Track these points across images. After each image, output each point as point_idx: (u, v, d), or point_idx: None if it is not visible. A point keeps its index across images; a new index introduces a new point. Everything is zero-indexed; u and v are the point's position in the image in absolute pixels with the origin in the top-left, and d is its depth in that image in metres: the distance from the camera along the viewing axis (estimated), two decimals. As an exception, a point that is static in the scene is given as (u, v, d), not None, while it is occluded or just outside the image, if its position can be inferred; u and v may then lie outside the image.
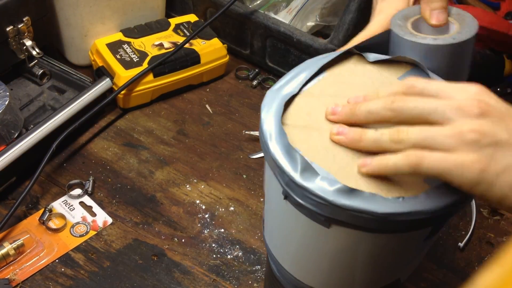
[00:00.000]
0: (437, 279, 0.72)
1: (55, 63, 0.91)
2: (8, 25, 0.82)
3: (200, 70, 0.93)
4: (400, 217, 0.42)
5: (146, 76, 0.89)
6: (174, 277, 0.70)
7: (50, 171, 0.81)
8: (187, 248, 0.73)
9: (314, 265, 0.50)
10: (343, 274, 0.50)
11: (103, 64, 0.90)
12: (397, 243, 0.47)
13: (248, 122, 0.90)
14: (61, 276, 0.70)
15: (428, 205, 0.42)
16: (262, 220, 0.60)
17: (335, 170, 0.44)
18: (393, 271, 0.52)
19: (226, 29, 0.99)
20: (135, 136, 0.87)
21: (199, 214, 0.77)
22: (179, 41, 0.93)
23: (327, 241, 0.47)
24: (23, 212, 0.76)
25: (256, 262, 0.72)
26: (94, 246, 0.73)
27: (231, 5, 0.92)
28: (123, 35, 0.93)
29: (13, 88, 0.88)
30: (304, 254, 0.50)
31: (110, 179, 0.81)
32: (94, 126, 0.88)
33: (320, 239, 0.47)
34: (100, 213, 0.76)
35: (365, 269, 0.49)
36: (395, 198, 0.42)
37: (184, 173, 0.82)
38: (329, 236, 0.46)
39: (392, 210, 0.42)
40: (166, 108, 0.92)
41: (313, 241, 0.48)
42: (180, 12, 1.02)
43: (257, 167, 0.83)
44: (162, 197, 0.79)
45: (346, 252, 0.47)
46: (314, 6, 0.96)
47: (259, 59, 0.98)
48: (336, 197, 0.42)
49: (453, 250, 0.75)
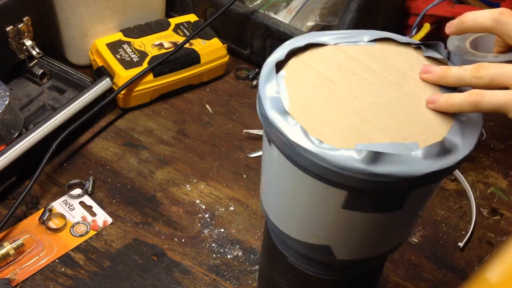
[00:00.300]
0: (437, 279, 0.72)
1: (55, 63, 0.91)
2: (8, 25, 0.82)
3: (200, 70, 0.93)
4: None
5: (146, 76, 0.89)
6: (174, 277, 0.70)
7: (50, 171, 0.81)
8: (187, 248, 0.73)
9: (291, 214, 0.50)
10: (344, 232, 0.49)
11: (103, 64, 0.90)
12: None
13: (248, 122, 0.90)
14: (61, 276, 0.70)
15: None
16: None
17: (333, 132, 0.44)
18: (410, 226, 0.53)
19: (226, 29, 0.99)
20: (135, 136, 0.87)
21: (199, 214, 0.77)
22: (179, 41, 0.93)
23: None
24: (23, 212, 0.76)
25: (256, 262, 0.72)
26: (94, 246, 0.73)
27: (231, 5, 0.92)
28: (123, 35, 0.93)
29: (13, 88, 0.88)
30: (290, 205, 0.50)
31: (110, 179, 0.81)
32: (94, 126, 0.88)
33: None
34: (100, 213, 0.76)
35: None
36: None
37: (184, 173, 0.82)
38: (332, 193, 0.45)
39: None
40: (166, 108, 0.92)
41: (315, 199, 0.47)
42: (180, 12, 1.02)
43: (257, 167, 0.83)
44: (162, 197, 0.79)
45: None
46: (314, 6, 0.96)
47: (259, 59, 0.98)
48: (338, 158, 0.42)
49: (453, 250, 0.75)
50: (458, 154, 0.43)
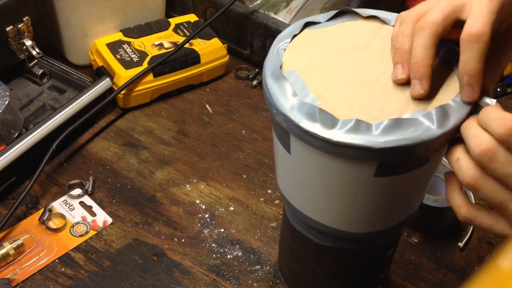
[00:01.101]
0: (437, 279, 0.72)
1: (55, 63, 0.91)
2: (8, 25, 0.82)
3: (200, 70, 0.93)
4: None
5: (146, 76, 0.89)
6: (174, 277, 0.70)
7: (50, 171, 0.81)
8: (187, 248, 0.73)
9: (315, 197, 0.52)
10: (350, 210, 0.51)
11: (103, 64, 0.90)
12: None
13: (248, 122, 0.90)
14: (61, 276, 0.70)
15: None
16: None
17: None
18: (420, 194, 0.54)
19: (226, 29, 0.99)
20: (135, 136, 0.87)
21: (199, 214, 0.77)
22: (179, 41, 0.93)
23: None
24: (23, 212, 0.76)
25: (256, 261, 0.72)
26: (94, 246, 0.73)
27: (231, 5, 0.92)
28: (123, 35, 0.93)
29: (13, 88, 0.88)
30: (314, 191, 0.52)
31: (110, 179, 0.81)
32: (94, 126, 0.88)
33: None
34: (100, 213, 0.76)
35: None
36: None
37: (184, 173, 0.82)
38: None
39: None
40: (166, 108, 0.92)
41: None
42: (180, 12, 1.02)
43: (257, 167, 0.83)
44: (162, 197, 0.79)
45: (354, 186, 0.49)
46: (314, 6, 0.96)
47: (259, 59, 0.98)
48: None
49: (453, 250, 0.75)
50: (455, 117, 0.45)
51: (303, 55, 0.51)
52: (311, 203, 0.52)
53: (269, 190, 0.80)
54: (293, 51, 0.51)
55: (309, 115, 0.44)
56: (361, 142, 0.43)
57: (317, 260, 0.59)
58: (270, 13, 0.97)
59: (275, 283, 0.70)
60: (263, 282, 0.70)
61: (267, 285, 0.70)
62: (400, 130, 0.43)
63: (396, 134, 0.43)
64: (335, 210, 0.51)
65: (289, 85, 0.47)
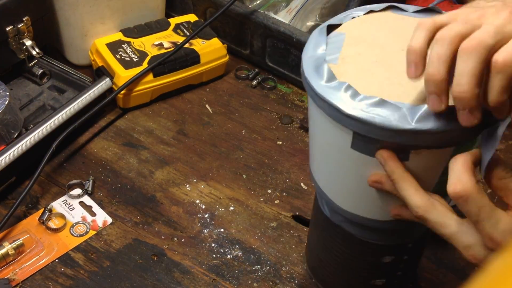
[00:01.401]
0: (437, 279, 0.72)
1: (55, 63, 0.91)
2: (8, 25, 0.82)
3: (200, 70, 0.93)
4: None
5: (146, 76, 0.89)
6: (174, 277, 0.70)
7: (50, 171, 0.81)
8: (187, 248, 0.73)
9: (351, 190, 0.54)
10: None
11: (103, 64, 0.90)
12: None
13: (248, 122, 0.90)
14: (61, 276, 0.70)
15: None
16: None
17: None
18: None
19: (226, 29, 0.99)
20: (135, 136, 0.87)
21: (199, 214, 0.77)
22: (179, 41, 0.93)
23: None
24: (23, 212, 0.76)
25: (255, 261, 0.72)
26: (94, 246, 0.73)
27: (231, 5, 0.92)
28: (123, 35, 0.93)
29: (13, 88, 0.88)
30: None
31: (110, 179, 0.81)
32: (94, 126, 0.88)
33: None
34: (100, 213, 0.76)
35: None
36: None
37: (184, 173, 0.82)
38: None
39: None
40: (166, 108, 0.92)
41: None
42: (180, 12, 1.02)
43: (257, 167, 0.83)
44: (162, 197, 0.79)
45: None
46: (314, 6, 0.96)
47: (259, 59, 0.98)
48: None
49: (453, 250, 0.75)
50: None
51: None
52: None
53: (269, 190, 0.80)
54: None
55: None
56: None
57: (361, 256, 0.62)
58: (270, 13, 0.97)
59: (275, 283, 0.70)
60: (263, 282, 0.70)
61: (267, 285, 0.70)
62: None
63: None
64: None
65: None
